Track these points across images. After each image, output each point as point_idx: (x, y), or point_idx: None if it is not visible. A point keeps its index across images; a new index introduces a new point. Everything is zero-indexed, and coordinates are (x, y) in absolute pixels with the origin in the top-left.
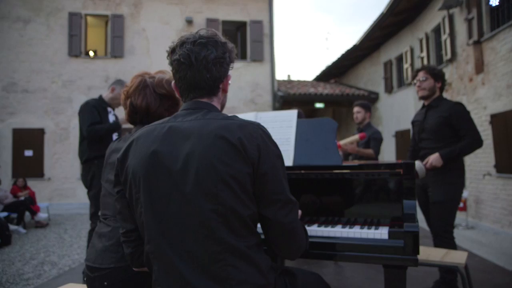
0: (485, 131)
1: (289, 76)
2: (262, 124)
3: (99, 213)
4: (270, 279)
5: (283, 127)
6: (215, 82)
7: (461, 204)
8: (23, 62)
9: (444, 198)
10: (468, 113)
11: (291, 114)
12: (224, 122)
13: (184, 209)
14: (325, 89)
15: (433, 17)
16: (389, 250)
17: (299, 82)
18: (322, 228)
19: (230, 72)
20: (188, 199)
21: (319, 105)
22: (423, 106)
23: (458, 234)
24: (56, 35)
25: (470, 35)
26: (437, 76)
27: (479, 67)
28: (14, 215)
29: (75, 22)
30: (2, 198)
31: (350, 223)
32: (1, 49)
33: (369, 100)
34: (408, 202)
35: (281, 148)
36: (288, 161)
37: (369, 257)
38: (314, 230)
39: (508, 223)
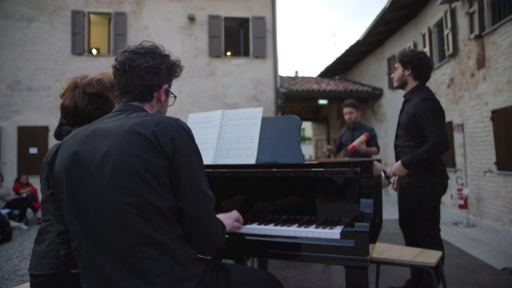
0: (486, 128)
1: (296, 72)
2: (229, 122)
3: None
4: (195, 272)
5: (248, 125)
6: (147, 90)
7: (462, 202)
8: (27, 61)
9: (412, 203)
10: (434, 110)
11: (257, 112)
12: (142, 119)
13: (102, 204)
14: (329, 85)
15: (436, 12)
16: (340, 250)
17: (303, 78)
18: (278, 227)
19: (180, 86)
20: (106, 194)
21: (322, 101)
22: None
23: (458, 232)
24: (59, 33)
25: (471, 29)
26: (405, 63)
27: (481, 62)
28: (16, 212)
29: (78, 20)
30: (4, 195)
31: (309, 222)
32: (5, 47)
33: (373, 96)
34: (365, 201)
35: (245, 146)
36: (251, 159)
37: (321, 257)
38: (269, 229)
39: (508, 221)
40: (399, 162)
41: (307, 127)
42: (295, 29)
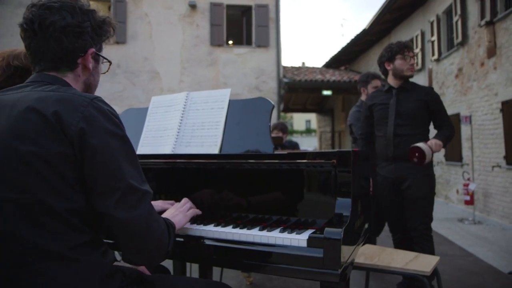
0: (496, 120)
1: (303, 63)
2: (193, 105)
3: None
4: (105, 287)
5: (214, 109)
6: (67, 56)
7: (468, 198)
8: None
9: (426, 192)
10: (441, 101)
11: (224, 94)
12: (45, 94)
13: None
14: (333, 76)
15: None
16: (306, 261)
17: (307, 68)
18: (235, 230)
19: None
20: None
21: (326, 92)
22: (389, 88)
23: (463, 229)
24: None
25: (482, 15)
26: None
27: (491, 50)
28: None
29: None
30: None
31: (278, 223)
32: (4, 35)
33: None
34: (342, 201)
35: (209, 133)
36: (215, 148)
37: (283, 269)
38: (224, 232)
39: None
40: (436, 141)
41: (312, 119)
42: (303, 20)
